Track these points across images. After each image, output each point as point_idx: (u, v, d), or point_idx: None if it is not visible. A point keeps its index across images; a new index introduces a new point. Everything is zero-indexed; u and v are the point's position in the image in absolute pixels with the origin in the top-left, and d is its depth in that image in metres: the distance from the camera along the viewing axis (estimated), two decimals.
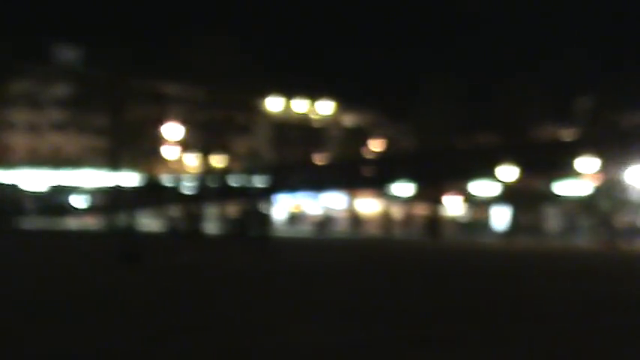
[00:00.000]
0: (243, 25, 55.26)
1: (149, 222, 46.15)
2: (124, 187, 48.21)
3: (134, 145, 51.43)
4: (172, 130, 53.91)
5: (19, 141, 53.81)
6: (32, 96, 50.76)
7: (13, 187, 50.90)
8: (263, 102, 58.51)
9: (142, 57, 48.88)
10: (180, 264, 18.91)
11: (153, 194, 49.17)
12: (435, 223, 50.54)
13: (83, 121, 52.49)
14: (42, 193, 52.15)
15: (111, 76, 47.00)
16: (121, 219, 42.43)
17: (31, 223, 44.53)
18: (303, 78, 55.28)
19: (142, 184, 49.51)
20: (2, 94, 41.92)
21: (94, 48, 50.90)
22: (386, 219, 54.56)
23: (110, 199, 49.12)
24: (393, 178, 50.79)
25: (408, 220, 54.69)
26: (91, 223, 47.72)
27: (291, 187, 52.92)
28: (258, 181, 50.54)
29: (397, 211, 55.67)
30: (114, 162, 47.98)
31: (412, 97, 53.16)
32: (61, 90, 52.52)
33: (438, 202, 51.58)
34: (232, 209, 46.90)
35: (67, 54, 56.49)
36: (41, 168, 52.17)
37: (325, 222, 52.77)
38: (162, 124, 53.57)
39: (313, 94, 56.90)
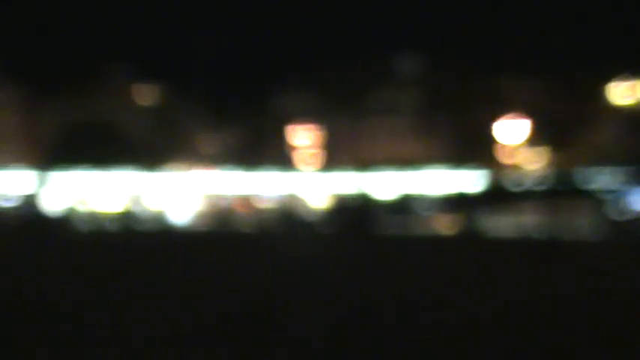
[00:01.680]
0: None
1: (497, 225, 45.43)
2: (471, 189, 48.36)
3: (476, 145, 51.37)
4: (514, 127, 52.54)
5: (370, 148, 57.82)
6: (381, 105, 54.25)
7: (366, 193, 54.67)
8: (608, 89, 53.71)
9: (479, 53, 48.70)
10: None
11: (500, 195, 48.41)
12: None
13: (428, 125, 54.34)
14: (393, 198, 55.06)
15: (455, 77, 47.66)
16: (470, 222, 42.48)
17: (385, 228, 47.09)
18: None
19: (488, 185, 49.10)
20: (359, 105, 45.80)
21: (436, 52, 52.22)
22: None
23: (457, 202, 49.64)
24: None
25: None
26: (441, 227, 48.73)
27: None
28: (610, 178, 46.28)
29: None
30: (460, 164, 48.49)
31: None
32: (406, 96, 55.21)
33: None
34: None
35: (410, 61, 59.42)
36: (389, 173, 55.14)
37: None
38: (502, 121, 52.63)
39: None
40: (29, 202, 51.00)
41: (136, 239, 37.76)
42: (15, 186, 54.74)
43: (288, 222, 46.88)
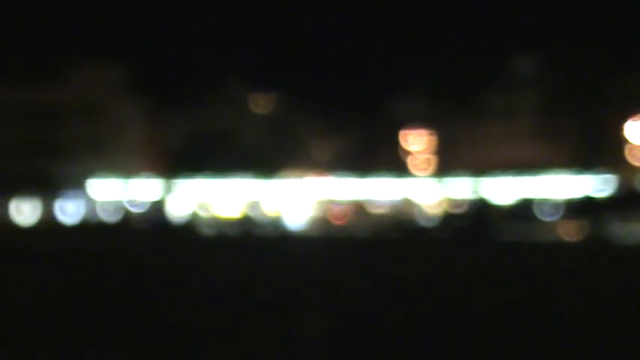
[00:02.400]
0: None
1: (627, 231, 42.75)
2: (598, 193, 45.91)
3: (602, 148, 48.75)
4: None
5: (487, 152, 56.46)
6: (498, 107, 52.91)
7: (483, 198, 53.37)
8: None
9: (605, 50, 46.28)
10: None
11: (631, 199, 45.54)
12: None
13: (549, 127, 52.27)
14: (511, 202, 53.37)
15: (579, 77, 45.53)
16: (597, 228, 40.30)
17: (503, 233, 45.61)
18: None
19: (617, 189, 46.38)
20: (476, 108, 44.87)
21: (556, 52, 50.23)
22: None
23: (583, 207, 47.29)
24: None
25: None
26: (565, 233, 46.55)
27: None
28: None
29: None
30: (584, 167, 46.14)
31: None
32: (524, 98, 53.45)
33: None
34: None
35: (526, 62, 57.41)
36: (508, 177, 53.55)
37: None
38: (633, 121, 49.66)
39: None
40: (156, 208, 54.03)
41: (255, 243, 38.89)
42: (142, 193, 58.27)
43: (402, 228, 46.60)
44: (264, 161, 62.51)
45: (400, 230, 45.61)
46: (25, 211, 58.58)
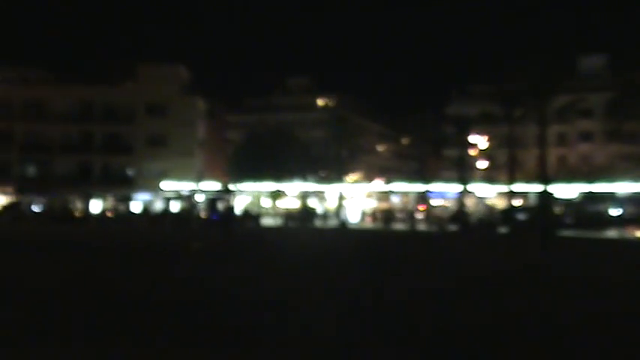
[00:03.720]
0: None
1: None
2: None
3: None
4: None
5: (551, 153, 55.22)
6: (563, 108, 51.58)
7: (550, 199, 52.00)
8: None
9: None
10: None
11: None
12: None
13: (614, 128, 51.02)
14: (577, 203, 51.95)
15: None
16: None
17: (569, 233, 44.34)
18: None
19: None
20: (541, 111, 43.82)
21: (621, 53, 48.86)
22: None
23: None
24: None
25: None
26: (634, 233, 44.76)
27: None
28: None
29: None
30: None
31: None
32: (595, 99, 52.40)
33: None
34: None
35: (593, 63, 56.15)
36: (572, 179, 52.13)
37: None
38: None
39: None
40: (219, 201, 55.03)
41: (317, 235, 39.14)
42: (207, 188, 59.54)
43: (464, 222, 46.03)
44: (328, 162, 62.98)
45: (461, 224, 45.09)
46: (99, 205, 60.91)
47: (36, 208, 58.58)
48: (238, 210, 54.59)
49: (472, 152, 62.13)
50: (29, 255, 18.07)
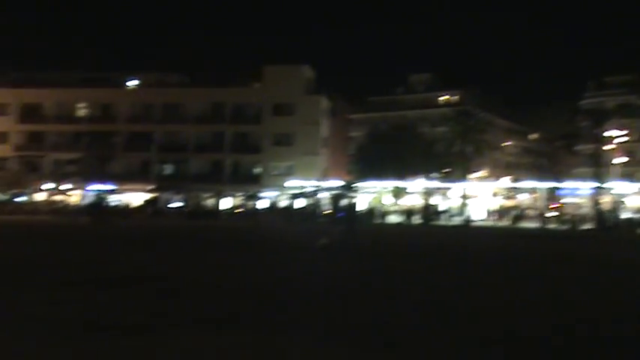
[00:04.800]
0: None
1: None
2: None
3: None
4: None
5: None
6: None
7: None
8: None
9: None
10: None
11: None
12: None
13: None
14: None
15: None
16: None
17: None
18: None
19: None
20: None
21: None
22: None
23: None
24: None
25: None
26: None
27: None
28: None
29: None
30: None
31: None
32: None
33: None
34: None
35: None
36: None
37: None
38: None
39: None
40: (342, 199, 55.38)
41: (440, 233, 38.37)
42: (331, 185, 60.22)
43: (601, 221, 43.19)
44: (450, 157, 61.51)
45: (599, 223, 42.41)
46: (229, 202, 63.42)
47: (173, 204, 61.91)
48: (361, 207, 54.65)
49: (608, 147, 58.22)
50: (176, 246, 19.03)
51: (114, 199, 57.52)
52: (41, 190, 63.23)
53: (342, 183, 61.68)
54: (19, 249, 18.09)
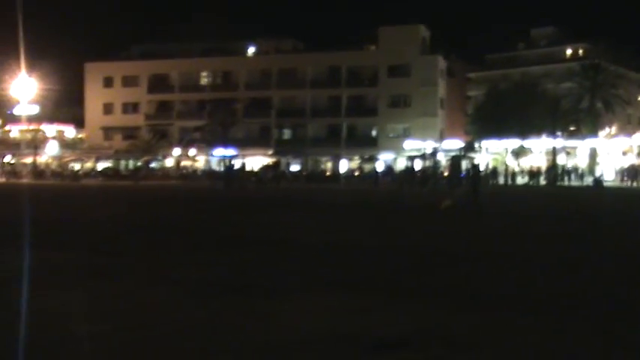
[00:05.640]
0: None
1: None
2: None
3: None
4: None
5: None
6: None
7: None
8: None
9: None
10: None
11: None
12: None
13: None
14: None
15: None
16: None
17: None
18: None
19: None
20: None
21: None
22: None
23: None
24: None
25: None
26: None
27: None
28: None
29: None
30: None
31: None
32: None
33: None
34: None
35: None
36: None
37: None
38: None
39: None
40: (458, 162, 53.74)
41: (569, 194, 36.26)
42: (447, 148, 58.51)
43: None
44: (577, 113, 57.65)
45: None
46: (346, 165, 63.48)
47: (292, 168, 62.83)
48: (482, 168, 52.67)
49: None
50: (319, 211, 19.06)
51: (239, 164, 59.28)
52: (170, 156, 66.29)
53: (461, 144, 59.73)
54: (164, 212, 18.74)
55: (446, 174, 51.08)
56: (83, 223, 14.56)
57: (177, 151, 65.96)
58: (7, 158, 68.20)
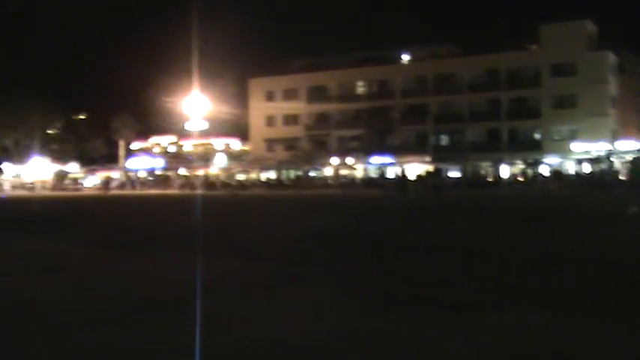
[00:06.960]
0: None
1: None
2: None
3: None
4: None
5: None
6: None
7: None
8: None
9: None
10: None
11: None
12: None
13: None
14: None
15: None
16: None
17: None
18: None
19: None
20: None
21: None
22: None
23: None
24: None
25: None
26: None
27: None
28: None
29: None
30: None
31: None
32: None
33: None
34: None
35: None
36: None
37: None
38: None
39: None
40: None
41: None
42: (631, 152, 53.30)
43: None
44: None
45: None
46: (507, 170, 60.08)
47: (451, 175, 60.65)
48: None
49: None
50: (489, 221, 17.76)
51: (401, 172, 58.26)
52: (329, 165, 66.94)
53: (637, 145, 54.05)
54: (349, 221, 18.29)
55: (623, 178, 46.25)
56: (269, 234, 14.34)
57: (335, 160, 66.45)
58: (181, 171, 72.86)
